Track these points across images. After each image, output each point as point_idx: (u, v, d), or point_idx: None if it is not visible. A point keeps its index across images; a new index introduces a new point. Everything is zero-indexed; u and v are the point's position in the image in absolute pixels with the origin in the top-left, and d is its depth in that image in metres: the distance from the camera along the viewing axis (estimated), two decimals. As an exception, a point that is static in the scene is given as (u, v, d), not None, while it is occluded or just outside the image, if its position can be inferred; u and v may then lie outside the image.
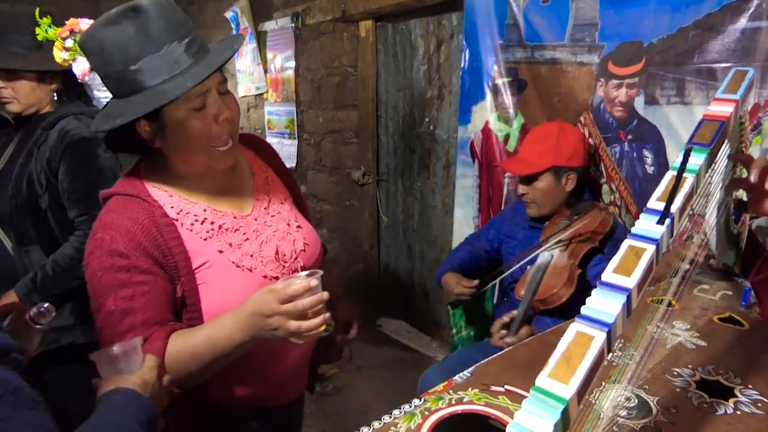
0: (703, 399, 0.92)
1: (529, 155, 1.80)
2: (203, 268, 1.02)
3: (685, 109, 1.67)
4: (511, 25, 2.16)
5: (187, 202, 1.05)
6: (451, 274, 2.00)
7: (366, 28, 3.25)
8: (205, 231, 1.04)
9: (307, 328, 0.91)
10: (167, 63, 0.93)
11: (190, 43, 0.96)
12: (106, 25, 0.92)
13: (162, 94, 0.92)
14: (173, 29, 0.94)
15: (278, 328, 0.91)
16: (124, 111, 0.94)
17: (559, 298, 1.62)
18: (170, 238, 0.99)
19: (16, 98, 1.62)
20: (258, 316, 0.92)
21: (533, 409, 0.56)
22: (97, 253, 0.96)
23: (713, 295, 1.38)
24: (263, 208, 1.15)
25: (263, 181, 1.20)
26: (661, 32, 1.69)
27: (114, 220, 0.98)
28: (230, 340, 0.94)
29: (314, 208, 3.81)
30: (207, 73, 0.92)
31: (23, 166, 1.60)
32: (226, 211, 1.09)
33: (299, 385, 1.27)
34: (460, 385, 1.02)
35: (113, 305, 0.94)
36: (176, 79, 0.93)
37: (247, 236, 1.09)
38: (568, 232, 1.72)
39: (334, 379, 3.08)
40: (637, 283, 0.65)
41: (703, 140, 0.84)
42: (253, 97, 4.23)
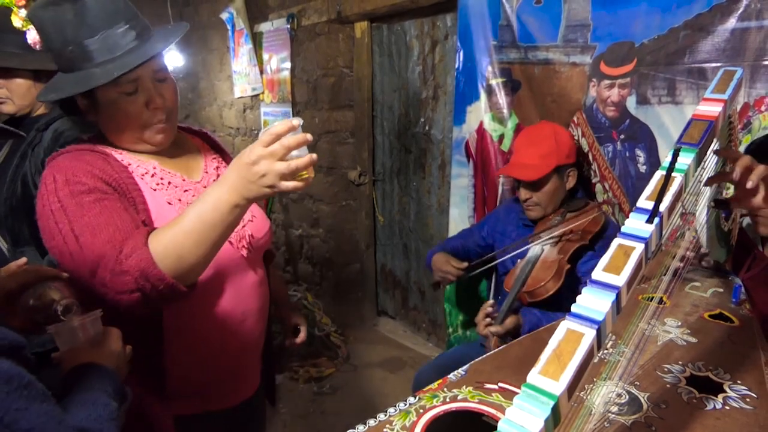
0: (693, 394, 0.94)
1: (530, 159, 1.78)
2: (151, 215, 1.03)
3: (676, 108, 1.69)
4: (504, 26, 2.18)
5: (138, 158, 1.08)
6: (442, 253, 2.00)
7: (361, 29, 3.26)
8: (155, 183, 1.06)
9: (296, 166, 0.86)
10: (103, 48, 0.99)
11: (128, 29, 1.01)
12: (47, 5, 0.98)
13: (90, 79, 0.98)
14: (110, 16, 0.99)
15: (267, 173, 0.86)
16: (61, 87, 1.01)
17: (546, 291, 1.64)
18: (125, 178, 1.01)
19: (11, 98, 1.63)
20: (243, 167, 0.88)
21: (524, 405, 0.57)
22: (51, 189, 0.96)
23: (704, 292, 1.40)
24: (212, 179, 1.16)
25: (211, 160, 1.22)
26: (652, 33, 1.71)
27: (66, 162, 1.00)
28: (221, 204, 0.89)
29: (310, 208, 3.82)
30: (135, 64, 0.97)
31: (17, 167, 1.61)
32: (175, 173, 1.11)
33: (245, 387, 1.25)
34: (455, 383, 1.04)
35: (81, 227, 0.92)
36: (107, 65, 0.98)
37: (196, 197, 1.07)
38: (560, 228, 1.74)
39: (331, 379, 3.09)
40: (626, 281, 0.66)
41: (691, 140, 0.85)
42: (249, 98, 4.23)
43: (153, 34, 1.06)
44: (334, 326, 3.47)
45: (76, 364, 0.80)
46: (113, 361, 0.83)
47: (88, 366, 0.79)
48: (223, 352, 1.13)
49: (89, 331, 0.86)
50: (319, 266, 3.88)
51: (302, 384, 3.02)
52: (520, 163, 1.82)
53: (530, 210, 1.83)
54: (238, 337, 1.15)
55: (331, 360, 3.25)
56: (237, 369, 1.19)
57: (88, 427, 0.67)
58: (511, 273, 1.76)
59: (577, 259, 1.71)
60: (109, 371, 0.80)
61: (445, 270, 1.91)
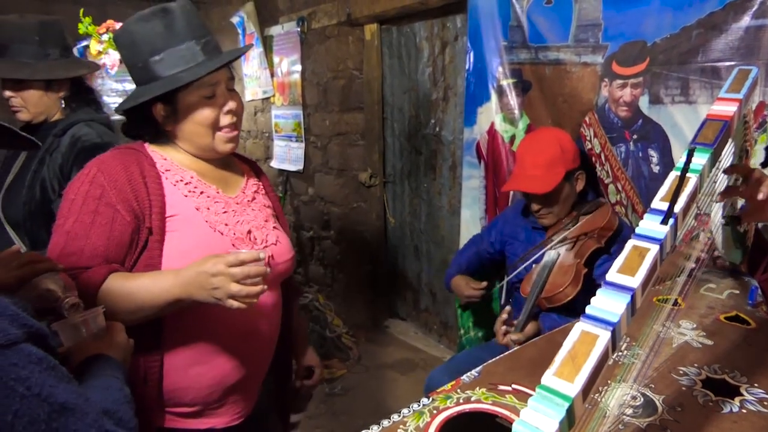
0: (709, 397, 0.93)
1: (536, 169, 1.73)
2: (176, 217, 1.09)
3: (690, 108, 1.67)
4: (514, 27, 2.17)
5: (178, 167, 1.15)
6: (460, 276, 2.01)
7: (371, 31, 3.27)
8: (187, 190, 1.13)
9: (247, 293, 0.95)
10: (185, 56, 1.08)
11: (206, 43, 1.11)
12: (139, 21, 1.09)
13: (177, 80, 1.07)
14: (193, 30, 1.10)
15: (219, 287, 0.95)
16: (143, 94, 1.09)
17: (565, 297, 1.62)
18: (151, 182, 1.09)
19: (25, 107, 1.66)
20: (202, 274, 0.96)
21: (539, 407, 0.57)
22: (81, 180, 1.07)
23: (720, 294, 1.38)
24: (247, 200, 1.23)
25: (252, 184, 1.28)
26: (665, 32, 1.69)
27: (107, 159, 1.10)
28: (167, 292, 0.98)
29: (321, 210, 3.83)
30: (217, 65, 1.08)
31: (36, 172, 1.63)
32: (212, 186, 1.17)
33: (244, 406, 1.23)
34: (468, 384, 1.04)
35: (72, 226, 1.04)
36: (191, 69, 1.08)
37: (226, 210, 1.16)
38: (574, 230, 1.73)
39: (343, 380, 3.09)
40: (641, 282, 0.66)
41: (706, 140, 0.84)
42: (260, 101, 4.25)
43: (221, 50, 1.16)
44: (345, 328, 3.48)
45: (84, 355, 0.83)
46: (119, 353, 0.87)
47: (97, 356, 0.83)
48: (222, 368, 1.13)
49: (91, 327, 0.89)
50: (330, 268, 3.89)
51: (314, 385, 3.03)
52: (527, 175, 1.76)
53: (543, 218, 1.80)
54: (240, 357, 1.15)
55: (343, 361, 3.26)
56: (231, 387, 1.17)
57: (108, 408, 0.69)
58: (527, 278, 1.74)
59: (592, 262, 1.70)
60: (117, 361, 0.84)
61: (468, 295, 1.94)
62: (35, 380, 0.55)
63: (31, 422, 0.53)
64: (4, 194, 1.69)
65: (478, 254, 2.07)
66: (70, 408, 0.58)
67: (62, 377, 0.60)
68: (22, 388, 0.53)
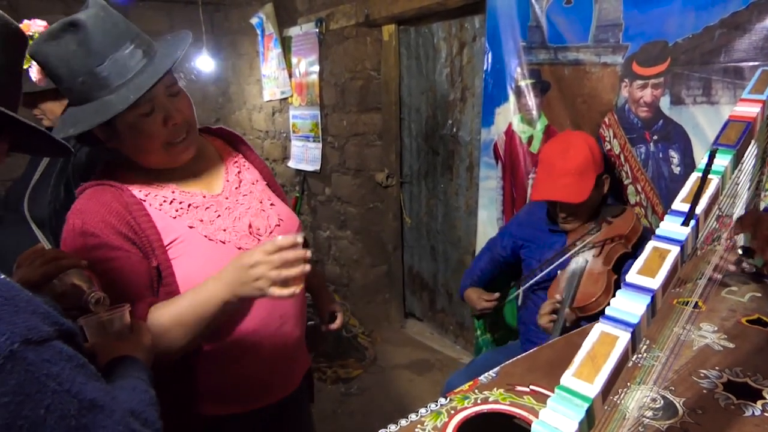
0: (731, 400, 0.92)
1: (568, 177, 1.66)
2: (175, 243, 1.06)
3: (712, 108, 1.65)
4: (533, 27, 2.16)
5: (155, 186, 1.10)
6: (472, 289, 2.01)
7: (389, 32, 3.28)
8: (174, 210, 1.08)
9: (288, 275, 0.93)
10: (114, 72, 0.97)
11: (134, 49, 0.99)
12: (48, 40, 0.95)
13: (108, 107, 0.96)
14: (114, 40, 0.97)
15: (260, 277, 0.93)
16: (78, 120, 0.99)
17: (598, 306, 1.58)
18: (139, 215, 1.03)
19: (45, 115, 1.70)
20: (240, 269, 0.95)
21: (558, 408, 0.57)
22: (71, 236, 1.01)
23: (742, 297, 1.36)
24: (234, 188, 1.18)
25: (233, 165, 1.23)
26: (687, 31, 1.67)
27: (83, 205, 1.03)
28: (213, 299, 0.97)
29: (338, 210, 3.84)
30: (149, 84, 0.96)
31: (61, 171, 1.67)
32: (195, 191, 1.13)
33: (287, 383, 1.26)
34: (486, 384, 1.04)
35: None
36: (121, 89, 0.96)
37: (219, 213, 1.12)
38: (599, 235, 1.69)
39: (359, 380, 3.10)
40: (661, 284, 0.66)
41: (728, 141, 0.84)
42: (278, 102, 4.29)
43: (158, 50, 1.05)
44: (361, 328, 3.49)
45: (109, 356, 0.83)
46: (144, 355, 0.87)
47: (122, 358, 0.83)
48: (259, 355, 1.15)
49: (116, 324, 0.89)
50: (346, 268, 3.90)
51: (330, 385, 3.05)
52: (559, 183, 1.68)
53: (567, 223, 1.77)
54: (276, 341, 1.16)
55: (359, 361, 3.27)
56: (273, 371, 1.20)
57: (135, 408, 0.70)
58: (554, 285, 1.70)
59: (619, 268, 1.66)
60: (142, 363, 0.85)
61: (481, 307, 1.95)
62: (66, 376, 0.56)
63: (62, 417, 0.54)
64: (30, 193, 1.73)
65: (493, 260, 2.05)
66: (99, 405, 0.59)
67: (91, 375, 0.61)
68: (54, 384, 0.54)
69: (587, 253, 1.68)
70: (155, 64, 1.00)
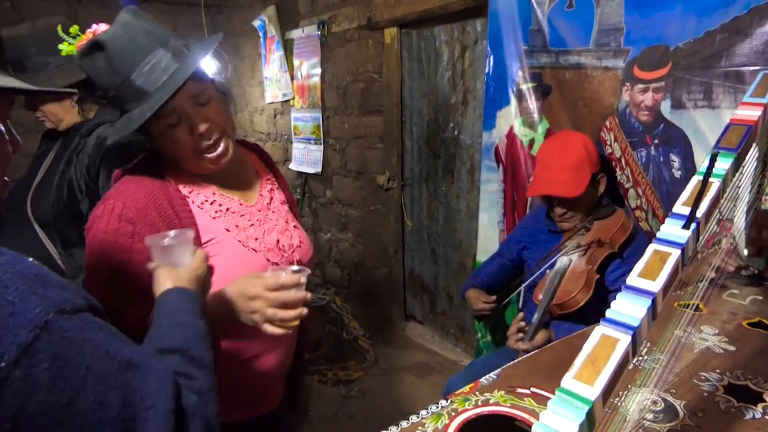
0: (731, 403, 0.92)
1: (564, 173, 1.71)
2: (211, 243, 1.08)
3: (713, 113, 1.66)
4: (535, 31, 2.17)
5: (198, 185, 1.12)
6: (472, 290, 2.03)
7: (391, 35, 3.29)
8: (213, 211, 1.11)
9: (282, 317, 0.95)
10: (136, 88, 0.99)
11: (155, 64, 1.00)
12: (83, 57, 1.01)
13: (130, 122, 1.00)
14: (132, 59, 0.99)
15: (257, 311, 0.96)
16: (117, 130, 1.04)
17: (576, 303, 1.61)
18: (182, 210, 1.06)
19: (47, 117, 1.70)
20: (242, 296, 0.96)
21: (558, 410, 0.57)
22: (107, 217, 1.01)
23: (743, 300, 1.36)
24: (266, 203, 1.22)
25: (266, 181, 1.27)
26: (688, 36, 1.68)
27: (129, 188, 1.04)
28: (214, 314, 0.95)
29: (339, 212, 3.85)
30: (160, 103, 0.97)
31: (63, 172, 1.67)
32: (233, 197, 1.16)
33: (272, 397, 1.27)
34: (486, 387, 1.04)
35: (108, 268, 1.00)
36: (143, 104, 0.99)
37: (252, 222, 1.15)
38: (588, 236, 1.71)
39: (359, 383, 3.10)
40: (662, 287, 0.66)
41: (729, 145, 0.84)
42: (279, 104, 4.30)
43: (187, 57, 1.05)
44: (362, 330, 3.49)
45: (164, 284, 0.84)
46: (197, 284, 0.87)
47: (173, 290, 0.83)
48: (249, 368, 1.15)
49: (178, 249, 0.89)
50: (347, 270, 3.91)
51: (330, 387, 3.05)
52: (554, 178, 1.73)
53: (566, 222, 1.79)
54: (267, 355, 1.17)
55: (360, 363, 3.27)
56: (263, 385, 1.20)
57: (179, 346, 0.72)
58: (540, 285, 1.73)
59: (605, 268, 1.68)
60: (193, 294, 0.84)
61: (479, 308, 1.97)
62: (101, 341, 0.59)
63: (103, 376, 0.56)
64: (32, 194, 1.73)
65: (502, 264, 2.07)
66: (137, 364, 0.61)
67: (125, 341, 0.64)
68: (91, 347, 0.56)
69: (574, 254, 1.70)
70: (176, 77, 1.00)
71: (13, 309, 0.51)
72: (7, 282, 0.52)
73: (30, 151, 1.89)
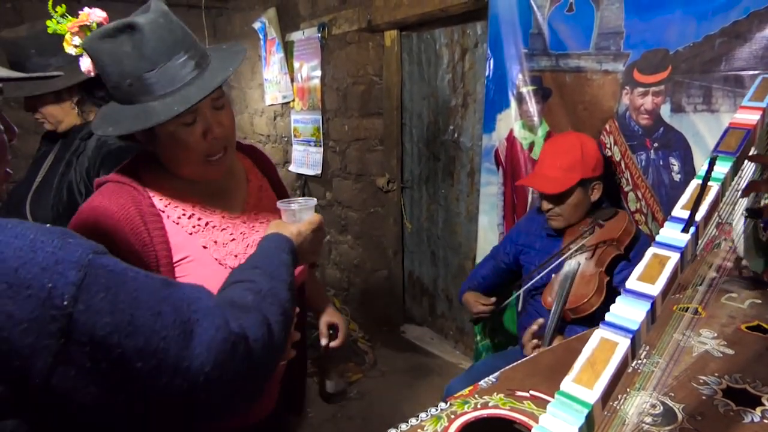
0: (730, 407, 0.92)
1: (553, 171, 1.75)
2: (184, 261, 1.04)
3: (712, 116, 1.66)
4: (535, 34, 2.18)
5: (178, 197, 1.08)
6: (470, 293, 2.03)
7: (391, 37, 3.29)
8: (191, 226, 1.06)
9: None
10: (163, 80, 0.96)
11: (187, 60, 0.98)
12: (104, 38, 0.95)
13: (151, 114, 0.95)
14: (169, 48, 0.96)
15: None
16: (117, 121, 0.98)
17: (590, 307, 1.61)
18: (153, 227, 1.01)
19: (46, 119, 1.70)
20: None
21: (558, 413, 0.57)
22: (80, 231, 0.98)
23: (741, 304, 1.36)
24: (253, 214, 1.17)
25: (257, 189, 1.22)
26: (687, 40, 1.68)
27: (101, 203, 1.01)
28: None
29: (339, 214, 3.85)
30: (198, 98, 0.95)
31: (63, 175, 1.67)
32: (215, 210, 1.11)
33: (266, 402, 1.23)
34: (486, 389, 1.04)
35: None
36: (167, 98, 0.95)
37: (234, 237, 1.11)
38: (592, 238, 1.72)
39: (358, 385, 3.10)
40: (661, 290, 0.66)
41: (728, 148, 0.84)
42: (279, 106, 4.30)
43: (211, 61, 1.03)
44: (361, 332, 3.49)
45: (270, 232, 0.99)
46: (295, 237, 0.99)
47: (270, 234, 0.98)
48: None
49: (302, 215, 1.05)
50: (346, 272, 3.91)
51: (330, 389, 3.05)
52: (542, 174, 1.79)
53: (553, 220, 1.81)
54: None
55: (359, 365, 3.27)
56: None
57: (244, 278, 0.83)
58: (548, 290, 1.73)
59: (612, 269, 1.69)
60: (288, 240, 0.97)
61: (477, 311, 1.97)
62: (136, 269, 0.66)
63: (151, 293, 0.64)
64: (32, 196, 1.73)
65: (496, 267, 2.07)
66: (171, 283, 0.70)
67: None
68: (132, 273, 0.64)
69: (580, 256, 1.70)
70: (205, 77, 0.99)
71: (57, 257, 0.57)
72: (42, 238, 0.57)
73: (29, 152, 1.89)
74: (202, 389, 0.64)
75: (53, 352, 0.54)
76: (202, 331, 0.65)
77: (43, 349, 0.54)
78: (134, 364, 0.59)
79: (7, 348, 0.53)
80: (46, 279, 0.55)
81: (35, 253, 0.56)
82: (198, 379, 0.63)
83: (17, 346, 0.53)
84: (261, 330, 0.73)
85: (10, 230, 0.57)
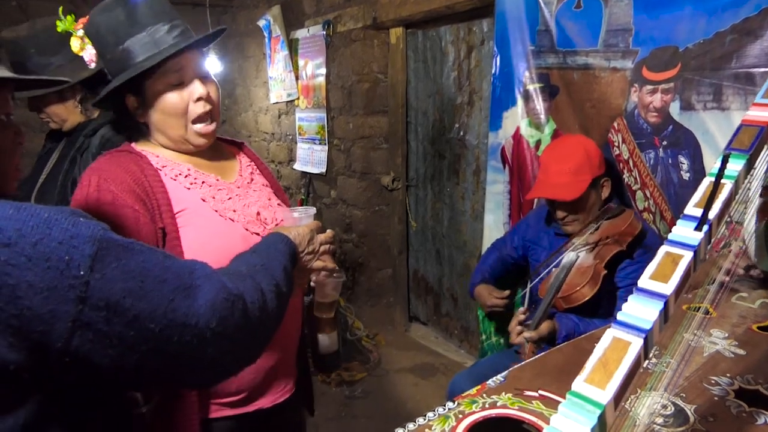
0: (742, 408, 0.91)
1: (562, 177, 1.71)
2: (184, 212, 1.09)
3: (723, 114, 1.64)
4: (542, 31, 2.16)
5: (173, 161, 1.15)
6: (483, 286, 2.01)
7: (396, 35, 3.28)
8: (188, 182, 1.13)
9: None
10: (150, 42, 1.07)
11: (172, 27, 1.09)
12: (102, 11, 1.08)
13: (137, 67, 1.05)
14: (157, 14, 1.08)
15: None
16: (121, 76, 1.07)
17: (582, 297, 1.60)
18: (154, 181, 1.08)
19: (50, 118, 1.70)
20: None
21: (570, 413, 0.56)
22: (84, 191, 1.05)
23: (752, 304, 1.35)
24: (246, 183, 1.23)
25: (246, 166, 1.28)
26: (697, 37, 1.67)
27: (103, 165, 1.08)
28: None
29: (344, 212, 3.84)
30: (180, 46, 1.05)
31: (68, 172, 1.67)
32: (209, 174, 1.17)
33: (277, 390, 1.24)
34: (494, 389, 1.03)
35: None
36: (155, 58, 1.05)
37: (230, 196, 1.17)
38: (596, 234, 1.70)
39: (363, 384, 3.10)
40: (674, 289, 0.65)
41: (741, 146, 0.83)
42: (284, 104, 4.30)
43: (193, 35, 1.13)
44: (365, 331, 3.48)
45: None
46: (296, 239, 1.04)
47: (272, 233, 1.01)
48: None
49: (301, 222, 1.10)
50: (351, 271, 3.90)
51: (334, 388, 3.04)
52: (551, 182, 1.74)
53: (568, 226, 1.78)
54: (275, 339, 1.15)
55: (363, 364, 3.26)
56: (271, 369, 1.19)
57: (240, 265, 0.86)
58: (545, 281, 1.73)
59: (615, 265, 1.67)
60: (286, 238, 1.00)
61: (491, 304, 1.94)
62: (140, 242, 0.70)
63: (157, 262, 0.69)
64: (36, 194, 1.73)
65: (502, 259, 2.06)
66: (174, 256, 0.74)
67: None
68: (138, 246, 0.68)
69: (581, 250, 1.69)
70: (188, 39, 1.09)
71: (71, 233, 0.61)
72: (55, 216, 0.61)
73: (34, 150, 1.89)
74: (210, 343, 0.71)
75: (72, 316, 0.59)
76: (204, 293, 0.71)
77: (63, 314, 0.59)
78: (147, 324, 0.65)
79: (30, 314, 0.57)
80: (63, 252, 0.60)
81: (51, 229, 0.60)
82: (205, 334, 0.70)
83: (39, 312, 0.58)
84: (255, 295, 0.79)
85: (25, 210, 0.61)
